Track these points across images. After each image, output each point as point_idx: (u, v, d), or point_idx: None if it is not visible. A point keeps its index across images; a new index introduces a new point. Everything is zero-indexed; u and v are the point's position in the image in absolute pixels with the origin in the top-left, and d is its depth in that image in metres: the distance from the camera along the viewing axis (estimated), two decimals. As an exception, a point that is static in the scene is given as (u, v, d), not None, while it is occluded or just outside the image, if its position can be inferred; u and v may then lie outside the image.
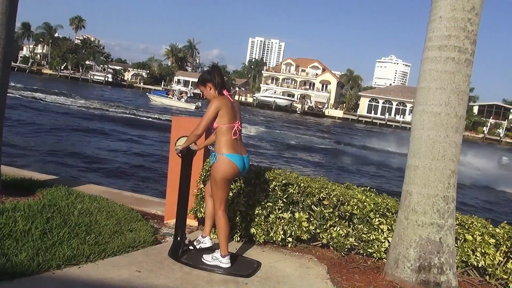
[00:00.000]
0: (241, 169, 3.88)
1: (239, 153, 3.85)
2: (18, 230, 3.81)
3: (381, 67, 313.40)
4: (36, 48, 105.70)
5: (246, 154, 3.96)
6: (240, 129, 3.90)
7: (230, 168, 3.80)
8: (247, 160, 3.97)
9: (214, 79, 3.89)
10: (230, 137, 3.81)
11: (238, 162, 3.83)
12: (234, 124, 3.83)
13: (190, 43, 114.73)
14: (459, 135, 3.88)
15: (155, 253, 4.05)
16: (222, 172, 3.80)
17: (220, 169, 3.79)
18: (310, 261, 4.37)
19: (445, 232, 3.86)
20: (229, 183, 3.94)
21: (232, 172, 3.83)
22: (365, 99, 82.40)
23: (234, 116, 3.85)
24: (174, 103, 54.26)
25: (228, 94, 3.91)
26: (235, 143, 3.84)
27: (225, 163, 3.78)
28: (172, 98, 56.14)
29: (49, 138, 18.59)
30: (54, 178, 6.41)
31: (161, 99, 55.51)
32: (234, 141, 3.84)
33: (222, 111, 3.76)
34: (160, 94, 58.87)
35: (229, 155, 3.78)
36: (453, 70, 3.80)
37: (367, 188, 4.91)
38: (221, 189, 3.87)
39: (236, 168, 3.82)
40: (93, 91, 61.16)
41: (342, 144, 34.62)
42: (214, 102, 3.77)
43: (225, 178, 3.83)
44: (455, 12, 3.78)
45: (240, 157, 3.85)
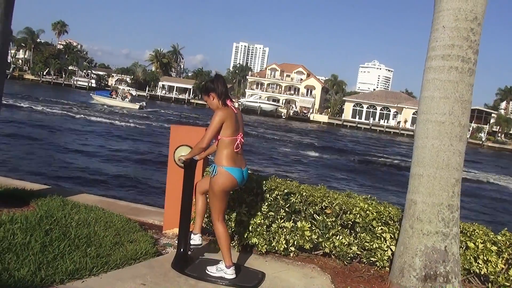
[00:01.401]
0: (240, 182, 3.85)
1: (239, 167, 3.81)
2: (17, 243, 3.71)
3: (365, 72, 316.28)
4: (18, 53, 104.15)
5: (245, 167, 3.92)
6: (242, 142, 3.84)
7: (229, 181, 3.75)
8: (246, 173, 3.93)
9: (218, 89, 3.83)
10: (232, 150, 3.75)
11: (237, 175, 3.78)
12: (237, 137, 3.77)
13: (174, 48, 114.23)
14: (462, 144, 3.91)
15: (158, 265, 3.98)
16: (220, 185, 3.75)
17: (219, 181, 3.74)
18: (313, 271, 4.34)
19: (450, 241, 3.87)
20: (227, 194, 3.90)
21: (230, 185, 3.80)
22: (349, 104, 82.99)
23: (237, 128, 3.78)
24: (117, 103, 53.90)
25: (232, 105, 3.86)
26: (236, 157, 3.79)
27: (224, 176, 3.73)
28: (116, 99, 55.65)
29: (27, 146, 18.26)
30: (47, 188, 6.29)
31: (104, 100, 54.84)
32: (235, 154, 3.78)
33: (226, 123, 3.69)
34: (103, 94, 58.20)
35: (229, 169, 3.74)
36: (457, 79, 3.83)
37: (368, 196, 4.90)
38: (218, 201, 3.82)
39: (234, 181, 3.78)
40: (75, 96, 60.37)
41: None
42: (218, 113, 3.69)
43: (223, 190, 3.79)
44: (458, 22, 3.81)
45: (240, 171, 3.81)
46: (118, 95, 56.79)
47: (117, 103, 53.87)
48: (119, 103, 53.84)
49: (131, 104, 53.89)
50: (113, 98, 55.73)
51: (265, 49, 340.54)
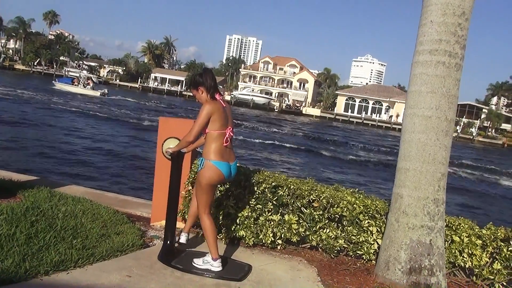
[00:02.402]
0: (227, 176, 3.84)
1: (227, 161, 3.80)
2: (2, 234, 3.68)
3: (358, 66, 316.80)
4: (8, 43, 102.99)
5: (234, 161, 3.91)
6: (231, 136, 3.83)
7: (216, 175, 3.75)
8: (234, 167, 3.92)
9: (206, 82, 3.80)
10: (221, 144, 3.75)
11: (225, 170, 3.78)
12: (226, 130, 3.76)
13: (167, 40, 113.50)
14: (449, 139, 3.93)
15: (144, 257, 3.98)
16: (207, 178, 3.75)
17: (206, 174, 3.74)
18: (300, 264, 4.37)
19: (435, 234, 3.90)
20: (214, 188, 3.90)
21: (217, 179, 3.80)
22: (342, 98, 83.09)
23: (226, 122, 3.77)
24: (79, 90, 54.48)
25: (221, 98, 3.85)
26: (224, 151, 3.79)
27: (211, 170, 3.74)
28: (77, 86, 56.17)
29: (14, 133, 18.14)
30: (34, 179, 6.25)
31: (66, 87, 55.34)
32: (224, 148, 3.78)
33: (214, 116, 3.69)
34: (65, 81, 58.67)
35: (216, 162, 3.73)
36: (444, 74, 3.84)
37: (356, 190, 4.92)
38: (205, 194, 3.82)
39: (221, 176, 3.78)
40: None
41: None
42: (206, 106, 3.68)
43: (210, 183, 3.79)
44: (446, 17, 3.82)
45: (227, 165, 3.80)
46: (80, 83, 57.33)
47: (78, 90, 54.48)
48: (81, 90, 54.50)
49: (93, 92, 54.63)
50: (74, 86, 56.29)
51: (258, 42, 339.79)
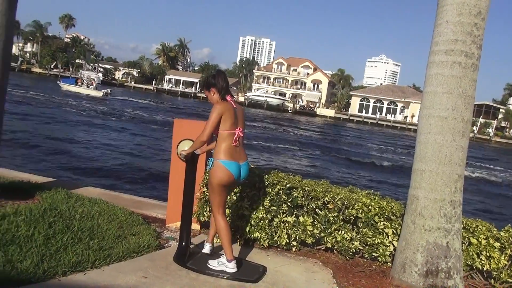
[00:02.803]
0: (237, 176, 3.82)
1: (236, 161, 3.81)
2: (21, 235, 3.74)
3: (372, 67, 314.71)
4: (26, 46, 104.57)
5: (244, 161, 3.90)
6: (241, 136, 3.87)
7: (225, 175, 3.75)
8: (244, 168, 3.90)
9: (218, 84, 3.85)
10: (230, 144, 3.79)
11: (234, 169, 3.78)
12: (235, 131, 3.80)
13: (181, 42, 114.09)
14: (465, 140, 3.89)
15: (160, 258, 4.01)
16: (216, 178, 3.76)
17: (215, 175, 3.76)
18: (315, 265, 4.35)
19: (452, 237, 3.86)
20: (225, 189, 3.88)
21: (227, 179, 3.78)
22: (356, 99, 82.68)
23: (236, 122, 3.82)
24: (83, 90, 55.66)
25: (232, 100, 3.88)
26: (234, 150, 3.81)
27: (220, 169, 3.75)
28: (81, 86, 57.34)
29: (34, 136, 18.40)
30: (51, 181, 6.34)
31: (70, 87, 56.60)
32: (233, 148, 3.81)
33: (225, 116, 3.74)
34: (69, 82, 60.02)
35: (224, 162, 3.75)
36: (460, 74, 3.80)
37: (371, 191, 4.90)
38: (217, 195, 3.84)
39: (231, 176, 3.77)
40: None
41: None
42: (216, 107, 3.74)
43: (220, 184, 3.79)
44: (462, 16, 3.78)
45: (236, 165, 3.80)
46: (83, 83, 58.33)
47: (82, 90, 55.62)
48: (84, 90, 55.59)
49: (95, 91, 55.70)
50: (78, 86, 57.43)
51: (272, 43, 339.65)
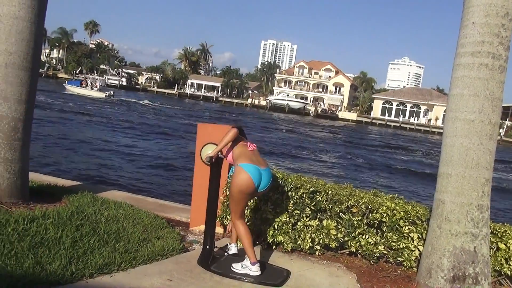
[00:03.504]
0: (257, 181, 3.77)
1: (256, 164, 3.81)
2: (49, 238, 3.83)
3: (394, 69, 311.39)
4: (52, 52, 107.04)
5: (265, 167, 3.89)
6: (255, 147, 4.00)
7: (244, 179, 3.73)
8: (266, 174, 3.86)
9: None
10: (246, 150, 3.89)
11: (253, 173, 3.75)
12: (247, 142, 3.98)
13: (203, 46, 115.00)
14: (493, 143, 3.82)
15: (184, 261, 4.04)
16: (236, 184, 3.77)
17: (235, 180, 3.78)
18: (339, 270, 4.33)
19: (480, 242, 3.79)
20: (245, 197, 3.86)
21: (246, 184, 3.74)
22: (378, 102, 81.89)
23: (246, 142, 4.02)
24: (87, 92, 58.14)
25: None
26: (252, 155, 3.87)
27: (240, 174, 3.75)
28: (85, 88, 59.97)
29: (63, 141, 18.78)
30: (78, 184, 6.47)
31: (75, 89, 59.01)
32: (251, 153, 3.88)
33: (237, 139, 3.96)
34: (74, 84, 62.42)
35: (244, 165, 3.76)
36: (487, 76, 3.74)
37: (395, 195, 4.84)
38: (236, 203, 3.85)
39: (250, 180, 3.73)
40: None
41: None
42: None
43: (240, 190, 3.77)
44: (489, 18, 3.72)
45: (256, 168, 3.78)
46: (87, 85, 61.05)
47: (86, 92, 58.18)
48: (88, 92, 58.14)
49: (99, 93, 58.48)
50: (82, 87, 60.02)
51: (293, 46, 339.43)
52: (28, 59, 4.70)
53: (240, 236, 3.89)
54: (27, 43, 4.66)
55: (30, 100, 4.87)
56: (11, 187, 4.76)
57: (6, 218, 4.11)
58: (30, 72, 4.76)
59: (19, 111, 4.73)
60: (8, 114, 4.66)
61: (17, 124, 4.74)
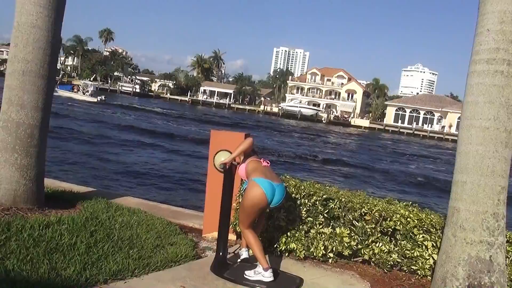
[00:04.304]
0: (270, 196, 3.79)
1: (270, 179, 3.82)
2: (64, 243, 3.87)
3: (408, 76, 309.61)
4: (67, 60, 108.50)
5: (279, 183, 3.90)
6: (268, 163, 4.03)
7: (258, 193, 3.75)
8: (279, 189, 3.87)
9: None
10: (260, 165, 3.94)
11: (267, 187, 3.76)
12: (261, 159, 4.03)
13: (215, 53, 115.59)
14: (508, 150, 3.77)
15: (197, 268, 4.05)
16: (249, 198, 3.79)
17: (248, 194, 3.80)
18: (352, 278, 4.30)
19: (496, 250, 3.74)
20: (256, 211, 3.87)
21: (259, 199, 3.76)
22: (391, 108, 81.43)
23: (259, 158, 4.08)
24: (78, 96, 59.20)
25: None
26: (266, 170, 3.91)
27: (254, 188, 3.77)
28: (77, 93, 61.31)
29: (76, 146, 18.99)
30: (91, 190, 6.53)
31: (64, 93, 59.65)
32: (264, 168, 3.92)
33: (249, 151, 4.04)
34: (65, 88, 63.34)
35: (257, 179, 3.79)
36: (502, 83, 3.70)
37: (409, 203, 4.81)
38: (246, 215, 3.86)
39: (263, 195, 3.75)
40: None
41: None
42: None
43: (253, 204, 3.80)
44: (504, 25, 3.69)
45: (270, 184, 3.79)
46: (79, 89, 62.60)
47: (78, 96, 59.27)
48: (80, 97, 59.20)
49: (91, 98, 59.42)
50: (74, 92, 61.39)
51: (305, 53, 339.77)
52: (45, 67, 4.78)
53: (250, 244, 3.90)
54: (44, 51, 4.75)
55: (46, 108, 4.94)
56: (27, 193, 4.83)
57: (22, 223, 4.17)
58: (47, 80, 4.84)
59: (35, 118, 4.80)
60: (24, 121, 4.74)
61: (33, 131, 4.81)
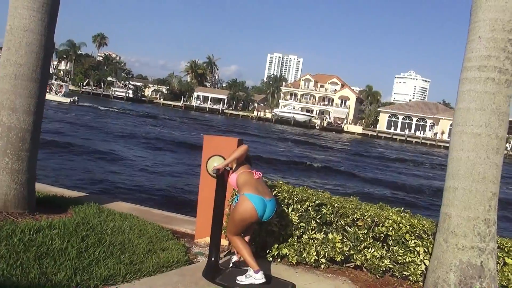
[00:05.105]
0: (260, 213, 3.78)
1: (262, 195, 3.81)
2: (55, 248, 3.85)
3: (400, 83, 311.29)
4: (60, 64, 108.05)
5: (270, 198, 3.89)
6: (260, 175, 4.03)
7: (249, 209, 3.74)
8: (270, 205, 3.85)
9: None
10: (252, 177, 3.92)
11: (258, 204, 3.75)
12: (253, 171, 3.99)
13: (209, 59, 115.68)
14: (499, 157, 3.80)
15: (189, 273, 4.03)
16: (239, 212, 3.79)
17: (239, 208, 3.79)
18: (344, 283, 4.30)
19: (487, 256, 3.76)
20: (245, 225, 3.89)
21: (250, 214, 3.76)
22: (384, 115, 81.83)
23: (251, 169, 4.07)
24: (51, 97, 58.46)
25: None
26: (258, 184, 3.89)
27: (245, 203, 3.76)
28: (49, 92, 60.05)
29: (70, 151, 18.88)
30: (83, 195, 6.48)
31: None
32: (256, 182, 3.90)
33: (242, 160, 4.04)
34: None
35: (249, 195, 3.77)
36: (493, 90, 3.74)
37: (401, 209, 4.82)
38: (235, 226, 3.87)
39: (254, 211, 3.74)
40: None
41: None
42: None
43: (242, 219, 3.80)
44: (495, 32, 3.73)
45: (261, 200, 3.78)
46: (52, 89, 62.38)
47: (50, 96, 58.37)
48: (52, 97, 58.96)
49: (63, 98, 60.24)
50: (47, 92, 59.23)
51: (299, 59, 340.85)
52: (37, 71, 4.76)
53: (238, 250, 3.92)
54: (36, 55, 4.73)
55: (38, 112, 4.91)
56: (18, 197, 4.79)
57: (12, 228, 4.13)
58: (39, 84, 4.82)
59: (27, 122, 4.77)
60: (16, 125, 4.71)
61: (25, 135, 4.78)
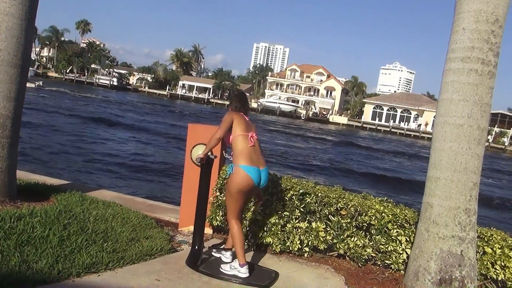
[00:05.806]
0: (256, 182, 3.84)
1: (256, 166, 3.83)
2: (36, 236, 3.79)
3: (386, 74, 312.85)
4: (42, 51, 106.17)
5: (264, 167, 3.92)
6: (255, 138, 3.93)
7: (245, 180, 3.77)
8: (264, 174, 3.91)
9: (232, 104, 4.14)
10: (247, 145, 3.85)
11: (254, 175, 3.80)
12: (248, 133, 3.89)
13: (195, 48, 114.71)
14: (481, 148, 3.85)
15: (172, 261, 4.03)
16: (236, 184, 3.78)
17: (235, 180, 3.79)
18: (327, 272, 4.34)
19: (467, 245, 3.82)
20: (243, 195, 3.89)
21: (246, 185, 3.80)
22: (369, 106, 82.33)
23: (248, 128, 3.93)
24: None
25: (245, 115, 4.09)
26: (253, 153, 3.85)
27: (240, 175, 3.77)
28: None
29: (51, 138, 18.65)
30: (66, 183, 6.41)
31: None
32: (252, 150, 3.85)
33: (236, 121, 3.91)
34: None
35: (244, 167, 3.77)
36: (476, 82, 3.78)
37: (384, 199, 4.87)
38: (234, 201, 3.86)
39: (250, 181, 3.79)
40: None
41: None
42: (226, 114, 3.98)
43: (239, 190, 3.81)
44: (479, 24, 3.76)
45: (257, 170, 3.82)
46: None
47: None
48: None
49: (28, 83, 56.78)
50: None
51: (285, 49, 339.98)
52: (18, 56, 4.67)
53: (233, 236, 3.90)
54: (17, 40, 4.63)
55: (19, 98, 4.83)
56: (-1, 184, 4.71)
57: (-7, 216, 4.06)
58: (20, 69, 4.73)
59: (7, 108, 4.69)
60: (-4, 111, 4.62)
61: (5, 122, 4.70)
